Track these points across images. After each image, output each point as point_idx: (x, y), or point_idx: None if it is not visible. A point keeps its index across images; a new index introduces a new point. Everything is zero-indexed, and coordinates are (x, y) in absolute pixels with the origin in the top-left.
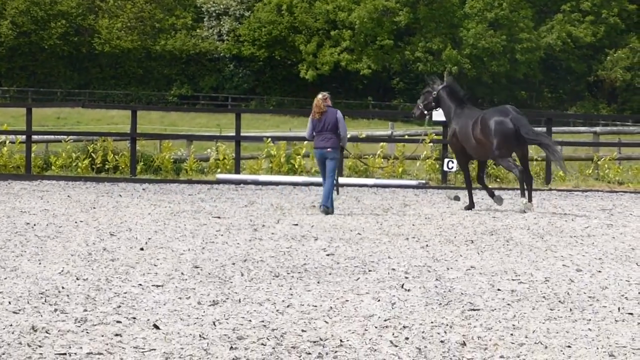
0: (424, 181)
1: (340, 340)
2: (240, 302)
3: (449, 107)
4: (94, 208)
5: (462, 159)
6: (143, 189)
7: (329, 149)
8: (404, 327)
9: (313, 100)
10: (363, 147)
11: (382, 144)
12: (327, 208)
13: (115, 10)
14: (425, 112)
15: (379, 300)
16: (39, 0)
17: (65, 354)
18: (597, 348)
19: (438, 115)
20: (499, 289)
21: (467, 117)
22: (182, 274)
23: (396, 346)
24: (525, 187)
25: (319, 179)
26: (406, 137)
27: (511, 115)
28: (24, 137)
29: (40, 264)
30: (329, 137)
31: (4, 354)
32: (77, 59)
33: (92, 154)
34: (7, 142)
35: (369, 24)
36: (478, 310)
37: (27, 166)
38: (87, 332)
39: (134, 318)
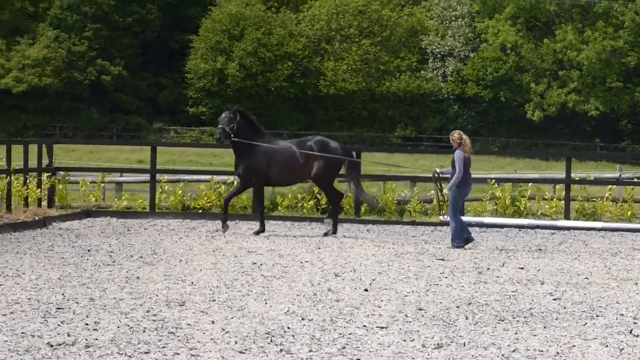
0: None
1: None
2: (465, 345)
3: (257, 133)
4: (319, 248)
5: (261, 185)
6: (367, 230)
7: None
8: None
9: (539, 142)
10: (591, 189)
11: (610, 186)
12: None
13: (340, 52)
14: (232, 135)
15: (606, 346)
16: (266, 42)
17: None
18: None
19: None
20: None
21: (279, 144)
22: (406, 316)
23: None
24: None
25: (546, 222)
26: (635, 179)
27: (339, 143)
28: None
29: (266, 303)
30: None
31: None
32: (303, 101)
33: (317, 194)
34: (235, 182)
35: (597, 64)
36: None
37: (254, 206)
38: None
39: (359, 359)
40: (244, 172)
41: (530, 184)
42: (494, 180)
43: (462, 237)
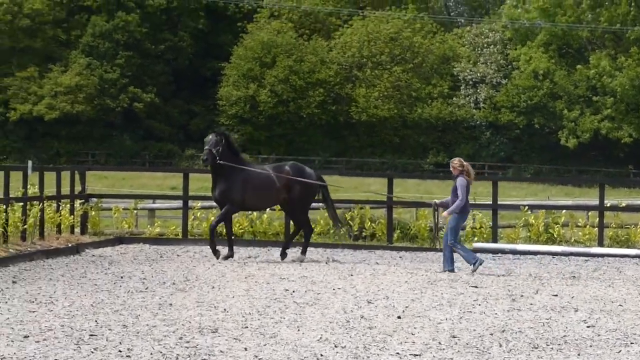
0: None
1: None
2: None
3: (237, 157)
4: (352, 275)
5: (236, 210)
6: (400, 257)
7: None
8: None
9: (572, 169)
10: (623, 216)
11: None
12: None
13: (372, 79)
14: (217, 157)
15: None
16: (298, 69)
17: None
18: None
19: None
20: None
21: (256, 168)
22: (440, 343)
23: None
24: (303, 238)
25: (579, 249)
26: None
27: (313, 170)
28: None
29: (299, 330)
30: None
31: None
32: (335, 128)
33: (349, 221)
34: (267, 209)
35: (630, 91)
36: None
37: (286, 233)
38: None
39: None
40: (220, 196)
41: (563, 210)
42: (527, 207)
43: (475, 256)
